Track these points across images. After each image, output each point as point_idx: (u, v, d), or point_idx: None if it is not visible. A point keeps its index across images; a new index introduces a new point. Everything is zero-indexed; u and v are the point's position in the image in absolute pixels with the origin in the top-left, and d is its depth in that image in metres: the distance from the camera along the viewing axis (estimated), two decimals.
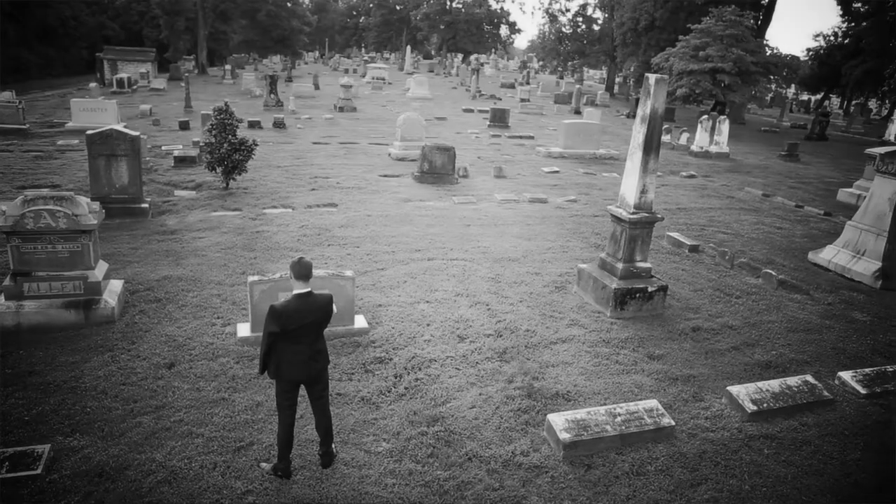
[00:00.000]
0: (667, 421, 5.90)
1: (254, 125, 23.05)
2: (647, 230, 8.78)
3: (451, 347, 7.27)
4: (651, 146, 8.36)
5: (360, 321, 7.58)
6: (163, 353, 6.80)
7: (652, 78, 8.20)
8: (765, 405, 6.33)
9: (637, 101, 38.15)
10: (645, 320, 8.46)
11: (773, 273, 10.29)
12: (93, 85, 33.28)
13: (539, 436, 5.76)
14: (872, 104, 64.06)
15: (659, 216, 8.76)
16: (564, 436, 5.56)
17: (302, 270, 4.62)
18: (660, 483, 5.25)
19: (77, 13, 63.08)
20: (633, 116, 36.25)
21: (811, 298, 9.80)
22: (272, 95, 29.49)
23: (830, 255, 11.71)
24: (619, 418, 5.87)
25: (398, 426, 5.74)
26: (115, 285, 7.98)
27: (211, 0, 52.73)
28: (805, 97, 71.92)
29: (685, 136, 26.88)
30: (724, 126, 24.44)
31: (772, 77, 35.92)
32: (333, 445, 5.23)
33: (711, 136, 24.50)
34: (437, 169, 16.07)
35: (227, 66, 47.33)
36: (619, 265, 8.69)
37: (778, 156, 25.78)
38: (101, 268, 7.76)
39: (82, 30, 63.44)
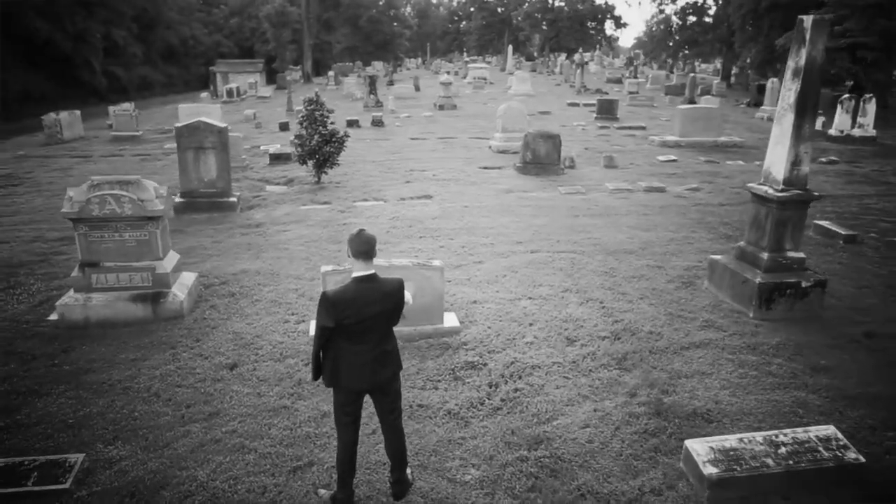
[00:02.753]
0: (852, 456, 4.37)
1: (351, 124, 22.67)
2: (800, 212, 7.14)
3: (559, 351, 6.03)
4: (806, 106, 6.75)
5: (450, 319, 6.50)
6: (227, 352, 6.01)
7: (808, 20, 6.62)
8: None
9: (759, 87, 35.07)
10: (798, 323, 6.83)
11: None
12: (204, 94, 34.59)
13: (674, 468, 4.42)
14: None
15: (816, 194, 7.10)
16: (710, 470, 4.19)
17: (362, 246, 3.58)
18: None
19: (195, 33, 66.90)
20: (755, 105, 33.22)
21: None
22: (372, 96, 29.24)
23: None
24: (783, 449, 4.42)
25: (491, 449, 4.58)
26: (187, 278, 7.35)
27: (315, 10, 54.00)
28: None
29: (820, 119, 23.92)
30: (871, 106, 21.47)
31: None
32: (409, 471, 4.15)
33: (854, 119, 21.60)
34: (541, 158, 14.78)
35: (331, 73, 48.12)
36: (764, 255, 7.10)
37: None
38: (171, 259, 7.14)
39: (200, 48, 67.18)
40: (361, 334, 3.60)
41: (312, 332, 6.13)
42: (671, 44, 73.67)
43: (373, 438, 4.60)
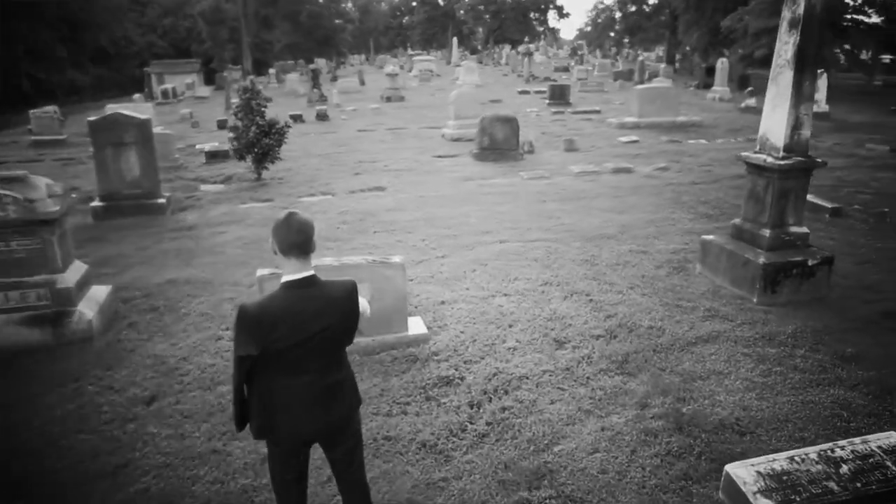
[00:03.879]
0: None
1: (295, 119, 21.35)
2: (803, 181, 6.37)
3: (547, 357, 5.09)
4: (806, 60, 5.98)
5: (416, 325, 5.49)
6: (144, 381, 4.86)
7: None
8: None
9: (707, 70, 34.98)
10: (807, 306, 6.06)
11: None
12: (137, 96, 32.47)
13: (712, 500, 3.51)
14: None
15: (819, 160, 6.34)
16: (763, 502, 3.30)
17: (292, 236, 2.50)
18: None
19: (128, 34, 63.67)
20: (705, 87, 33.08)
21: None
22: (315, 90, 27.94)
23: None
24: (844, 468, 3.55)
25: (482, 492, 3.58)
26: (98, 293, 6.12)
27: (252, 7, 52.02)
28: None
29: None
30: (823, 82, 21.29)
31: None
32: None
33: None
34: (499, 144, 13.87)
35: (272, 71, 46.36)
36: (766, 232, 6.30)
37: (888, 112, 22.47)
38: (76, 271, 5.91)
39: (133, 49, 63.97)
40: (300, 362, 2.54)
41: None
42: (612, 34, 74.09)
43: (328, 489, 3.56)
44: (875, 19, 32.56)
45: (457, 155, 14.48)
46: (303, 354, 2.51)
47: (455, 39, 65.22)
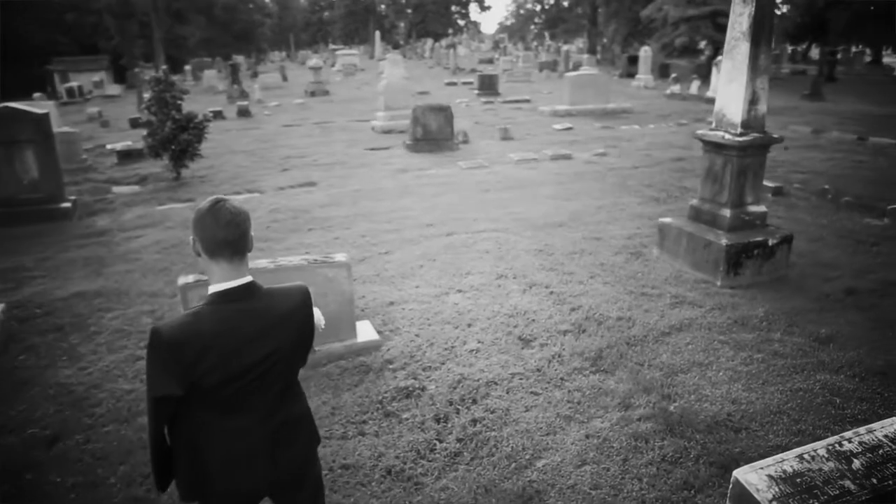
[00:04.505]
0: None
1: (216, 115, 20.14)
2: (760, 158, 6.16)
3: (514, 358, 4.61)
4: (762, 32, 5.72)
5: (365, 330, 4.90)
6: (45, 418, 4.08)
7: None
8: None
9: (629, 59, 35.53)
10: (770, 286, 5.85)
11: None
12: (37, 95, 30.12)
13: None
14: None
15: (776, 136, 6.14)
16: None
17: (221, 231, 1.86)
18: None
19: (26, 32, 59.39)
20: (628, 76, 33.55)
21: None
22: (235, 86, 26.63)
23: None
24: (856, 462, 3.19)
25: None
26: None
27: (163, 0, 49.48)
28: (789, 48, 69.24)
29: (695, 83, 24.26)
30: None
31: None
32: None
33: None
34: (433, 134, 13.35)
35: (188, 68, 44.25)
36: (726, 212, 6.05)
37: (801, 97, 23.26)
38: None
39: (30, 45, 59.78)
40: (239, 399, 1.93)
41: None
42: (533, 27, 74.88)
43: None
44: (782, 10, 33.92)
45: (389, 147, 13.88)
46: (242, 389, 1.90)
47: (377, 33, 64.31)
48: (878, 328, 5.00)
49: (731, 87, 5.99)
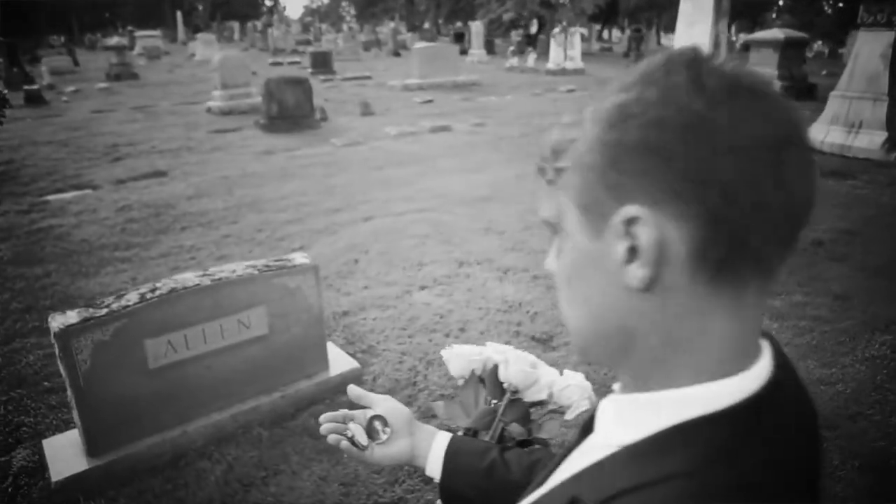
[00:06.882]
0: None
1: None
2: None
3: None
4: None
5: (339, 358, 3.52)
6: None
7: None
8: None
9: (457, 35, 35.45)
10: None
11: None
12: None
13: None
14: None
15: None
16: None
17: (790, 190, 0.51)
18: None
19: None
20: (462, 53, 33.38)
21: (865, 181, 7.46)
22: (15, 69, 22.30)
23: (821, 136, 9.51)
24: None
25: None
26: None
27: None
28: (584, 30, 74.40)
29: (531, 57, 24.51)
30: (577, 40, 22.33)
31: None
32: None
33: (565, 53, 22.29)
34: (291, 111, 11.71)
35: None
36: None
37: (626, 68, 24.45)
38: None
39: None
40: None
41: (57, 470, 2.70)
42: (341, 9, 72.99)
43: None
44: None
45: (240, 128, 11.97)
46: None
47: (179, 14, 58.78)
48: (862, 278, 4.63)
49: (695, 30, 5.32)
